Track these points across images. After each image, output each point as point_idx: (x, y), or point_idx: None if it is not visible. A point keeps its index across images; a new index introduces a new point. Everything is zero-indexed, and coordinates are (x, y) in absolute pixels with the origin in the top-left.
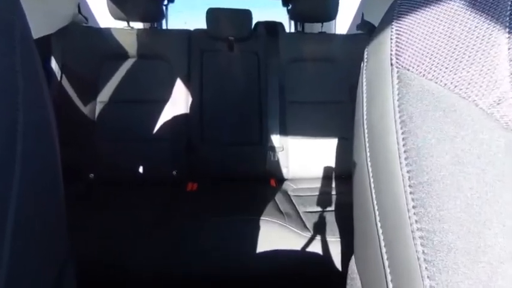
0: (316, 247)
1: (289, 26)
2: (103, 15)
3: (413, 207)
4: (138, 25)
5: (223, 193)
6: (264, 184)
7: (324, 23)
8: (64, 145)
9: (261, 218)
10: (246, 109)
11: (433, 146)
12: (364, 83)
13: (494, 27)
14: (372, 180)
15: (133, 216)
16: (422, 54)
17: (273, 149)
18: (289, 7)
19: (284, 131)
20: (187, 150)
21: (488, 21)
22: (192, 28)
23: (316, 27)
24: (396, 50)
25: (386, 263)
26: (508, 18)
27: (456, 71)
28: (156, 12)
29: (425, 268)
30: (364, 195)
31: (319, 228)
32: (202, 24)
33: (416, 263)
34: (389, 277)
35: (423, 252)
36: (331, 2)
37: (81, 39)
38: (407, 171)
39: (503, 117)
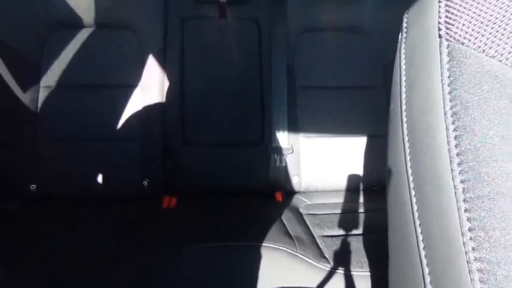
0: (337, 283)
1: None
2: None
3: (470, 229)
4: None
5: (211, 212)
6: (266, 199)
7: None
8: None
9: (263, 244)
10: (242, 97)
11: (496, 147)
12: (403, 61)
13: None
14: (413, 193)
15: (86, 248)
16: (482, 23)
17: (278, 150)
18: None
19: (294, 126)
20: (163, 153)
21: None
22: None
23: None
24: (446, 16)
25: None
26: None
27: None
28: None
29: None
30: (403, 213)
31: (342, 258)
32: None
33: None
34: (422, 252)
35: None
36: None
37: (19, 6)
38: (462, 182)
39: None
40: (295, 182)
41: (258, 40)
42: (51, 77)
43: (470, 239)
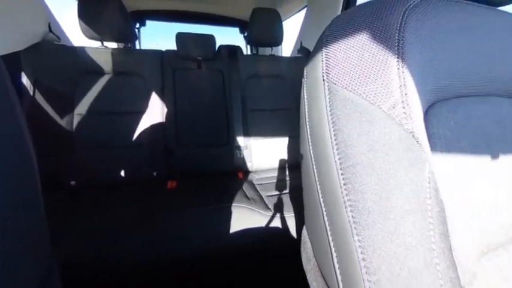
0: (276, 222)
1: (246, 49)
2: (79, 35)
3: (344, 184)
4: (113, 44)
5: (199, 187)
6: (233, 177)
7: (273, 48)
8: (42, 156)
9: (233, 204)
10: (215, 117)
11: (354, 139)
12: (305, 94)
13: (388, 53)
14: (314, 166)
15: (118, 214)
16: (344, 73)
17: (238, 148)
18: (245, 34)
19: (247, 133)
20: (165, 154)
21: (384, 49)
22: (163, 49)
23: (267, 51)
24: (326, 69)
25: (328, 227)
26: (396, 48)
27: (366, 84)
28: (128, 34)
29: (354, 227)
30: (310, 178)
31: (278, 207)
32: (172, 46)
33: (348, 224)
34: (330, 237)
35: (352, 216)
36: (277, 31)
37: (54, 57)
38: (339, 158)
39: (397, 117)
40: (250, 165)
41: (222, 83)
42: (82, 108)
43: (345, 189)
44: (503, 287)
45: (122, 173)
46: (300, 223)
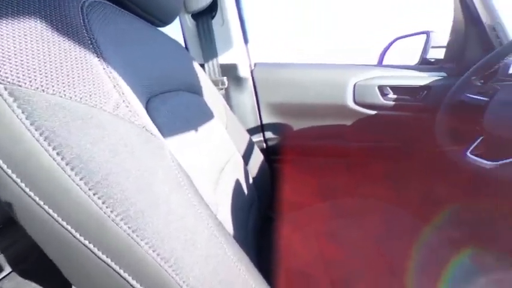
0: None
1: None
2: None
3: (103, 202)
4: None
5: None
6: None
7: None
8: None
9: None
10: None
11: (90, 150)
12: None
13: (86, 52)
14: (48, 208)
15: None
16: (29, 69)
17: None
18: None
19: None
20: None
21: (79, 47)
22: None
23: None
24: None
25: (107, 259)
26: (92, 48)
27: (74, 86)
28: None
29: (137, 235)
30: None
31: None
32: None
33: (129, 238)
34: (117, 267)
35: (129, 227)
36: None
37: None
38: (80, 179)
39: (125, 116)
40: None
41: None
42: None
43: (107, 207)
44: (226, 199)
45: None
46: None
